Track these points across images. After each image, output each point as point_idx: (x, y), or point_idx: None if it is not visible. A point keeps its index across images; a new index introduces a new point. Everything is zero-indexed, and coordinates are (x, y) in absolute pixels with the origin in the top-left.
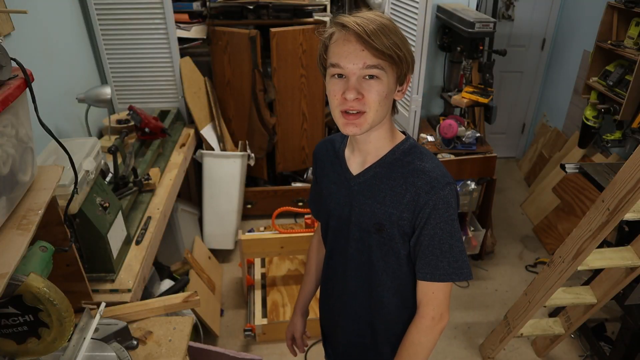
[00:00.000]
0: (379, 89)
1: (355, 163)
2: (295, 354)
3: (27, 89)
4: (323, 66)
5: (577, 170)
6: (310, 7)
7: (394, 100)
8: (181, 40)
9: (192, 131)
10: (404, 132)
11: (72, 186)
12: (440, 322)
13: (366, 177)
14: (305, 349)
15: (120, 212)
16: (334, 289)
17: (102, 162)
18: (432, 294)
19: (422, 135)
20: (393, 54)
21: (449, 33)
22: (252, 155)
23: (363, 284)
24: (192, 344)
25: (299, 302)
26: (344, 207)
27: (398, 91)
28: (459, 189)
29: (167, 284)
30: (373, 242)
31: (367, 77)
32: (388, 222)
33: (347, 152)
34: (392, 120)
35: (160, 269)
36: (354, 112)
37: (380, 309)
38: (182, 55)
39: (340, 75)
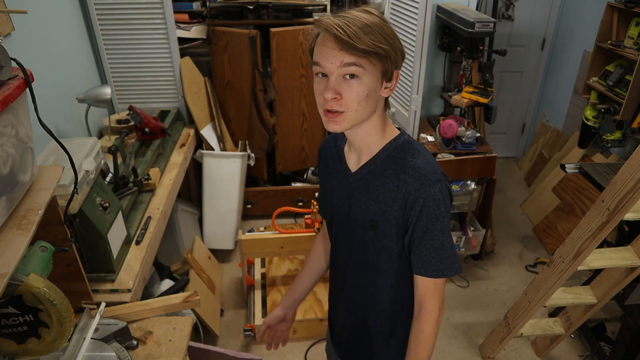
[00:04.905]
0: (358, 89)
1: (353, 160)
2: (259, 341)
3: (27, 89)
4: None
5: (577, 170)
6: (310, 7)
7: (386, 98)
8: (181, 40)
9: (192, 131)
10: (399, 129)
11: (72, 186)
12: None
13: (362, 174)
14: (276, 344)
15: (120, 212)
16: (337, 282)
17: (102, 162)
18: (434, 286)
19: (422, 135)
20: (373, 51)
21: (449, 33)
22: (252, 155)
23: (359, 280)
24: (192, 344)
25: (287, 294)
26: (344, 203)
27: (385, 88)
28: (459, 188)
29: (167, 284)
30: (368, 239)
31: (347, 76)
32: (382, 220)
33: (345, 149)
34: (385, 116)
35: (160, 269)
36: (334, 110)
37: (374, 305)
38: (182, 55)
39: (324, 75)
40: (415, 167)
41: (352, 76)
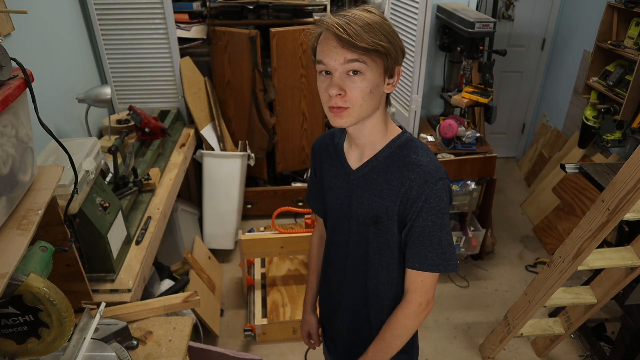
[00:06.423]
0: (362, 85)
1: (354, 157)
2: (314, 348)
3: (27, 89)
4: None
5: (577, 170)
6: (310, 7)
7: (387, 94)
8: (181, 40)
9: (192, 131)
10: (400, 127)
11: (72, 186)
12: (426, 309)
13: (365, 171)
14: (321, 340)
15: (120, 212)
16: (332, 281)
17: (102, 162)
18: (420, 282)
19: (422, 135)
20: (374, 49)
21: (449, 33)
22: (252, 155)
23: (360, 277)
24: (192, 344)
25: (309, 300)
26: (344, 201)
27: (388, 84)
28: (458, 188)
29: (167, 284)
30: (370, 235)
31: (350, 72)
32: (385, 215)
33: (345, 146)
34: (387, 113)
35: (160, 269)
36: (339, 106)
37: (375, 302)
38: (182, 55)
39: (327, 73)
40: (419, 165)
41: (355, 72)
